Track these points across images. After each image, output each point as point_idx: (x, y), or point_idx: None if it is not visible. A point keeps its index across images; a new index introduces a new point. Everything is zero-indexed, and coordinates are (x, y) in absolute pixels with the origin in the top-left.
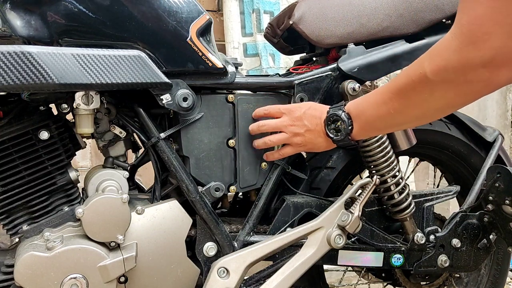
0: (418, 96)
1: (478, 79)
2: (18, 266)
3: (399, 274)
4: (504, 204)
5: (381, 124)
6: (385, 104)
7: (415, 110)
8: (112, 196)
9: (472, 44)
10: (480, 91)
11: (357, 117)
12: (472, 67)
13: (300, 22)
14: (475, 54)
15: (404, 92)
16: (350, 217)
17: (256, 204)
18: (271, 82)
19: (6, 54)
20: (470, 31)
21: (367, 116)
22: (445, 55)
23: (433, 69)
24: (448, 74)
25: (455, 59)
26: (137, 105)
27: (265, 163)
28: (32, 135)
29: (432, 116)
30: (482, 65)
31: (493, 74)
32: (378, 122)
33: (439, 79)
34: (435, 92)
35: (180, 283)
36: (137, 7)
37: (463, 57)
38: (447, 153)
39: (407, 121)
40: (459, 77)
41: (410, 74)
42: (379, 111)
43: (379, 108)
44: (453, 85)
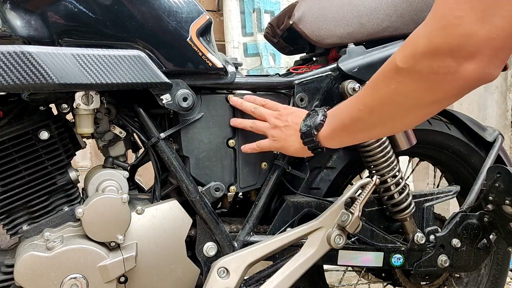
0: (387, 87)
1: (445, 70)
2: (18, 266)
3: (399, 274)
4: (504, 204)
5: (350, 125)
6: (357, 102)
7: (383, 106)
8: (112, 196)
9: (441, 29)
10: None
11: (332, 116)
12: (439, 55)
13: (300, 22)
14: (443, 39)
15: (374, 85)
16: (350, 217)
17: (256, 204)
18: (271, 82)
19: (6, 54)
20: (442, 15)
21: (340, 115)
22: (415, 41)
23: (402, 57)
24: (416, 62)
25: (423, 44)
26: (137, 105)
27: (265, 163)
28: (32, 135)
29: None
30: (450, 53)
31: (461, 66)
32: (348, 122)
33: (407, 67)
34: (402, 83)
35: (180, 283)
36: (137, 7)
37: (432, 42)
38: (447, 153)
39: (376, 122)
40: (425, 67)
41: (383, 66)
42: (350, 109)
43: (351, 107)
44: (420, 76)
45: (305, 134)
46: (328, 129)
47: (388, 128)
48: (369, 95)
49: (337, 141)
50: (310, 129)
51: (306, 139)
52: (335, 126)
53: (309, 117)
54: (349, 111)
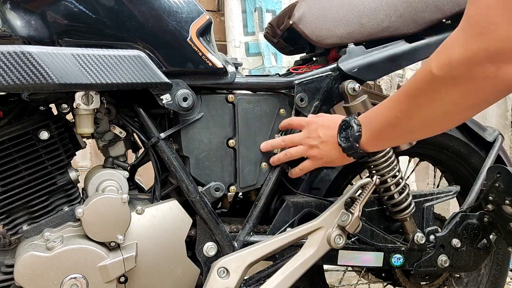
0: (424, 95)
1: (484, 75)
2: (18, 266)
3: (399, 274)
4: (504, 204)
5: (390, 131)
6: (393, 108)
7: (421, 112)
8: (112, 196)
9: (477, 36)
10: (487, 90)
11: (367, 124)
12: (477, 61)
13: (300, 22)
14: (480, 46)
15: (410, 92)
16: (350, 217)
17: (256, 204)
18: (271, 82)
19: (6, 54)
20: (476, 22)
21: (376, 122)
22: (450, 48)
23: (438, 64)
24: (452, 69)
25: (460, 51)
26: (137, 105)
27: (265, 163)
28: (32, 135)
29: (441, 121)
30: (488, 59)
31: (500, 69)
32: (387, 128)
33: (444, 74)
34: (440, 91)
35: (180, 283)
36: (137, 7)
37: (468, 49)
38: (447, 153)
39: (415, 127)
40: (463, 73)
41: (417, 74)
42: (387, 116)
43: (387, 113)
44: (458, 82)
45: (347, 148)
46: (368, 137)
47: (428, 132)
48: (406, 102)
49: (379, 146)
50: (351, 143)
51: (349, 152)
52: (374, 133)
53: (344, 129)
54: (387, 118)
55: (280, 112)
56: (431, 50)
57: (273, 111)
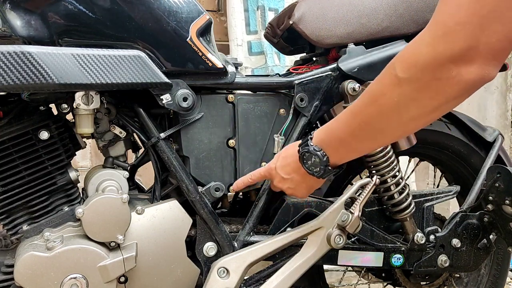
0: (388, 100)
1: (447, 75)
2: (18, 266)
3: (399, 274)
4: (504, 204)
5: (356, 143)
6: (355, 117)
7: (386, 119)
8: (112, 196)
9: (443, 36)
10: (451, 90)
11: (329, 143)
12: (440, 62)
13: (300, 22)
14: (445, 46)
15: (374, 98)
16: (350, 217)
17: (256, 204)
18: (271, 82)
19: (6, 54)
20: (443, 22)
21: (339, 137)
22: (416, 49)
23: (403, 67)
24: (417, 71)
25: (424, 52)
26: (137, 105)
27: (265, 163)
28: (32, 135)
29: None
30: (451, 59)
31: (462, 70)
32: (352, 140)
33: (408, 76)
34: (405, 94)
35: (180, 283)
36: (137, 7)
37: (433, 49)
38: (447, 153)
39: (382, 135)
40: (427, 74)
41: (381, 78)
42: (350, 127)
43: (349, 124)
44: (423, 84)
45: (322, 174)
46: (335, 155)
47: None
48: (370, 111)
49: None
50: (323, 169)
51: (325, 175)
52: (339, 150)
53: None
54: (350, 131)
55: (280, 112)
56: None
57: (273, 111)
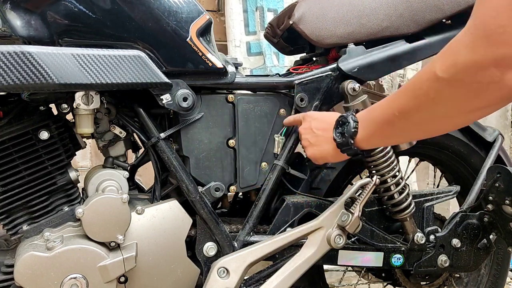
0: (424, 95)
1: (489, 79)
2: (18, 266)
3: (399, 274)
4: (504, 204)
5: (387, 129)
6: (392, 106)
7: (420, 112)
8: (112, 196)
9: (484, 38)
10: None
11: (364, 121)
12: (482, 65)
13: (300, 22)
14: (487, 49)
15: (411, 92)
16: (350, 217)
17: (256, 204)
18: (271, 82)
19: (6, 54)
20: (484, 24)
21: (373, 119)
22: (456, 50)
23: (442, 66)
24: (457, 72)
25: (465, 54)
26: (137, 105)
27: (265, 163)
28: (32, 135)
29: (439, 123)
30: (494, 63)
31: (505, 75)
32: (384, 126)
33: (448, 76)
34: (442, 92)
35: (180, 283)
36: (137, 7)
37: (474, 52)
38: (447, 153)
39: (413, 127)
40: (468, 76)
41: (421, 73)
42: (385, 114)
43: (385, 111)
44: (462, 85)
45: (342, 144)
46: (364, 134)
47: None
48: (405, 101)
49: (375, 144)
50: (346, 139)
51: (344, 148)
52: (371, 131)
53: (340, 125)
54: (384, 116)
55: (280, 112)
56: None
57: (273, 111)
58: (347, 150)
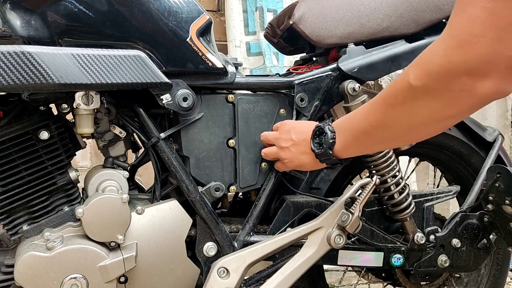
0: (400, 105)
1: (461, 88)
2: (18, 266)
3: (399, 274)
4: (504, 204)
5: (364, 139)
6: (368, 116)
7: (397, 122)
8: (112, 196)
9: (458, 47)
10: (463, 102)
11: (342, 131)
12: (455, 74)
13: (300, 22)
14: (460, 58)
15: (387, 101)
16: (350, 217)
17: (256, 204)
18: (271, 82)
19: (6, 54)
20: (459, 33)
21: (351, 129)
22: (429, 59)
23: (416, 75)
24: (431, 80)
25: (439, 63)
26: (137, 105)
27: (265, 163)
28: (32, 135)
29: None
30: (466, 72)
31: (477, 84)
32: (362, 136)
33: (422, 85)
34: (417, 101)
35: (180, 283)
36: (137, 7)
37: (448, 61)
38: (447, 153)
39: (390, 136)
40: (441, 85)
41: (395, 83)
42: (362, 124)
43: (362, 121)
44: (436, 94)
45: (320, 154)
46: (342, 144)
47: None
48: (382, 111)
49: (353, 153)
50: (325, 150)
51: (323, 158)
52: (348, 141)
53: (317, 135)
54: (361, 126)
55: (280, 112)
56: None
57: (273, 111)
58: (326, 160)
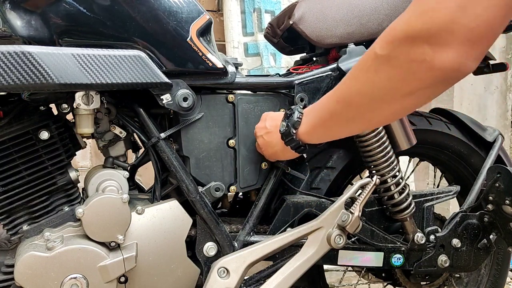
0: (364, 75)
1: (421, 57)
2: (18, 266)
3: (399, 274)
4: (504, 204)
5: (328, 119)
6: (335, 93)
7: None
8: (112, 196)
9: (421, 14)
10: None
11: (310, 113)
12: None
13: (300, 22)
14: (422, 25)
15: (353, 74)
16: (350, 217)
17: (256, 204)
18: (271, 82)
19: (6, 54)
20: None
21: (316, 109)
22: (394, 26)
23: (382, 43)
24: (393, 48)
25: (401, 29)
26: (137, 105)
27: (265, 163)
28: (32, 135)
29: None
30: (427, 39)
31: (437, 54)
32: (326, 116)
33: (385, 53)
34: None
35: (180, 283)
36: (137, 7)
37: (409, 26)
38: (447, 153)
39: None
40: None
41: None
42: (328, 103)
43: (328, 101)
44: (397, 63)
45: (285, 134)
46: (307, 126)
47: (365, 122)
48: (346, 86)
49: (317, 137)
50: (289, 129)
51: (286, 139)
52: (313, 122)
53: (287, 117)
54: (326, 105)
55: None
56: None
57: (273, 111)
58: (290, 141)
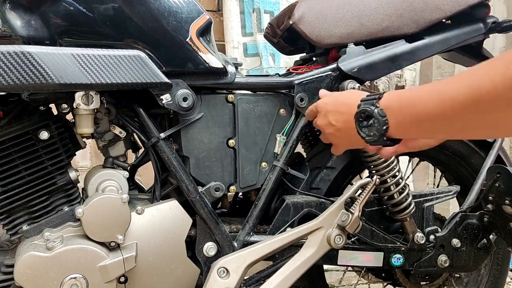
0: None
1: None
2: (18, 266)
3: (399, 274)
4: (504, 204)
5: (429, 125)
6: (443, 102)
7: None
8: (112, 196)
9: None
10: None
11: (396, 110)
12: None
13: (300, 22)
14: None
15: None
16: (350, 217)
17: (256, 204)
18: (271, 82)
19: (6, 54)
20: None
21: (412, 112)
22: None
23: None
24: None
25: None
26: (137, 105)
27: (265, 163)
28: (32, 135)
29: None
30: None
31: None
32: (426, 122)
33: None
34: (506, 111)
35: (180, 283)
36: (137, 7)
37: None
38: (447, 153)
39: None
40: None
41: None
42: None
43: (432, 106)
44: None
45: (374, 142)
46: (397, 126)
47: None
48: (463, 98)
49: (408, 136)
50: (377, 137)
51: (376, 144)
52: (406, 123)
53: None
54: (427, 109)
55: (280, 112)
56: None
57: (273, 111)
58: (380, 144)
